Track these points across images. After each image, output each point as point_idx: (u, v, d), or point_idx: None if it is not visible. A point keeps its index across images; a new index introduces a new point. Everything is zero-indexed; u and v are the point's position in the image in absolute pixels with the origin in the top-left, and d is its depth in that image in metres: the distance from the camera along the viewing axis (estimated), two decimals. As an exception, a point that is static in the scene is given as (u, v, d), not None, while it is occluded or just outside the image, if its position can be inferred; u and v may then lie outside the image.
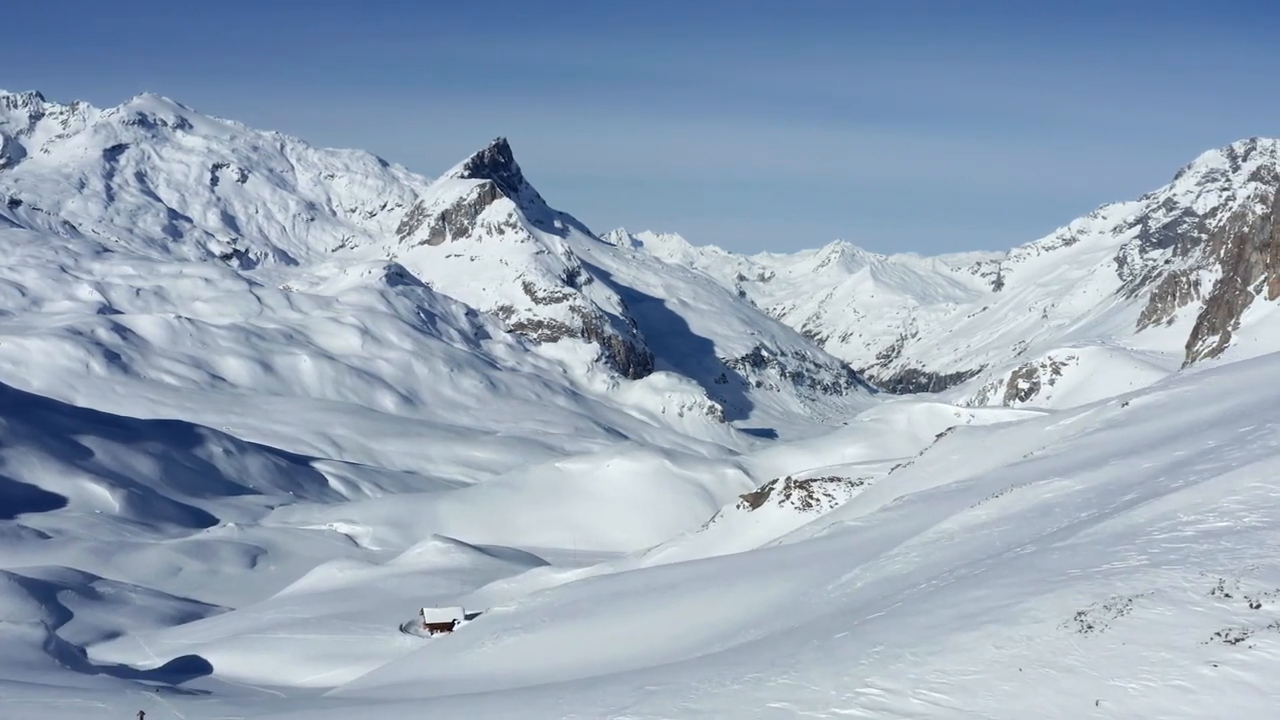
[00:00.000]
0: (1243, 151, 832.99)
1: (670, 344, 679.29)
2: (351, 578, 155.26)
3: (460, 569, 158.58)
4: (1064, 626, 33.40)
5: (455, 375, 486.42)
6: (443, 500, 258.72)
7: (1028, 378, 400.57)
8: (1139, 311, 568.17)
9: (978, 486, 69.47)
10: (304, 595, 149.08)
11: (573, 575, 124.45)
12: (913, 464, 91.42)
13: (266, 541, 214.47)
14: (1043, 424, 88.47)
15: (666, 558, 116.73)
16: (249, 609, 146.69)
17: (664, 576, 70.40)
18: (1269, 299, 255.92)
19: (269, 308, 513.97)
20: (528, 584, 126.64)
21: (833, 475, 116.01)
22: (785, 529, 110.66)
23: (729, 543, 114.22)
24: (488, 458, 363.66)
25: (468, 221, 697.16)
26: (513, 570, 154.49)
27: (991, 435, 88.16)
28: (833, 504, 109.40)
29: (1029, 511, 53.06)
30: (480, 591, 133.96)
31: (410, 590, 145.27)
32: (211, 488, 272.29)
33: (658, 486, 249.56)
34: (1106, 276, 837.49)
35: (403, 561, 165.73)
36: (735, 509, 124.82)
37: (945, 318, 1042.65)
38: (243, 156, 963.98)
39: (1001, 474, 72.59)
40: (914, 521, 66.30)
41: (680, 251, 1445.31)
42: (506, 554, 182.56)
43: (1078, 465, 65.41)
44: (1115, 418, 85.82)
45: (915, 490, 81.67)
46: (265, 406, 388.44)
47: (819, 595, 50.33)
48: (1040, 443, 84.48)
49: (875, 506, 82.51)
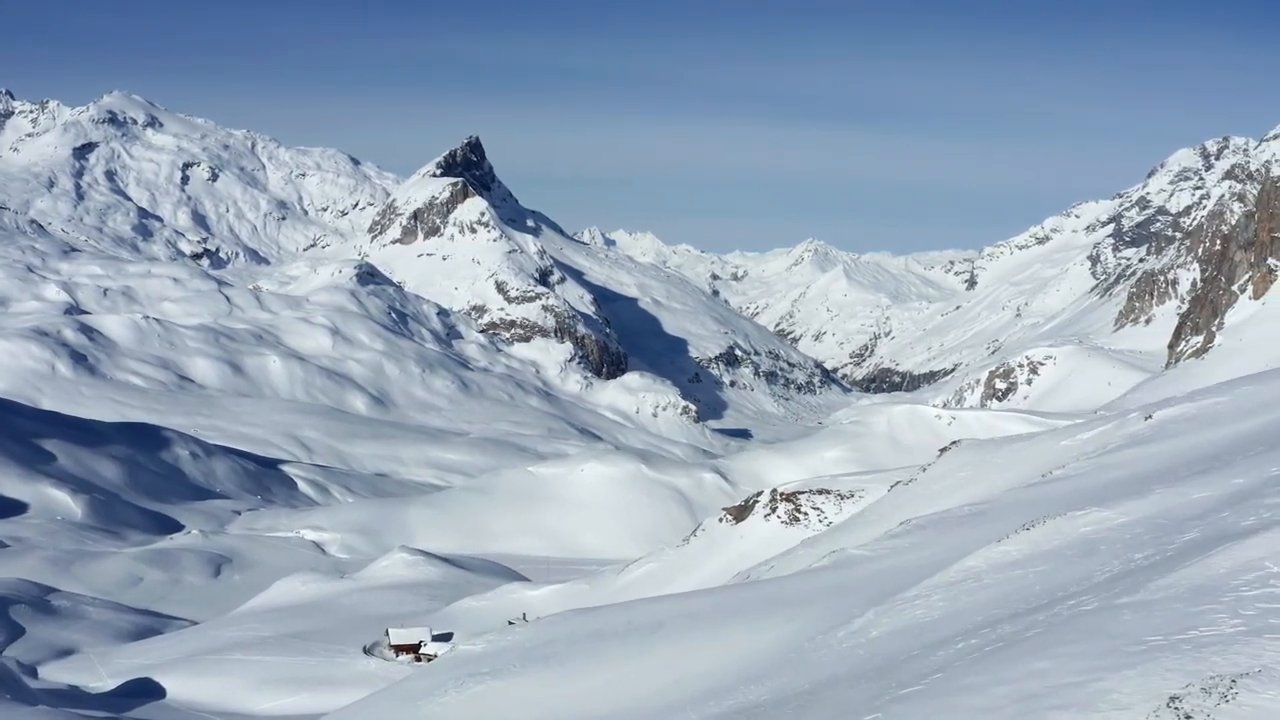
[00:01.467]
0: (1215, 150, 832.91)
1: (644, 343, 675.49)
2: (315, 592, 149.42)
3: (428, 583, 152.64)
4: (1155, 716, 27.11)
5: (427, 376, 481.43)
6: (413, 506, 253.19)
7: (1005, 377, 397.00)
8: (1114, 310, 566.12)
9: (993, 511, 63.59)
10: (265, 611, 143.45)
11: (546, 591, 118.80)
12: (915, 481, 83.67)
13: (231, 550, 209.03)
14: (1057, 438, 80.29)
15: (646, 574, 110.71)
16: (208, 625, 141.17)
17: (648, 613, 63.90)
18: (1254, 298, 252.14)
19: (238, 308, 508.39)
20: (499, 601, 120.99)
21: (821, 487, 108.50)
22: (772, 545, 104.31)
23: (712, 559, 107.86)
24: (460, 460, 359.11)
25: (440, 220, 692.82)
26: (483, 584, 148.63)
27: (1001, 450, 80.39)
28: (822, 518, 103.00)
29: (1068, 549, 46.11)
30: (449, 610, 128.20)
31: (376, 606, 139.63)
32: (177, 492, 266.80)
33: (633, 492, 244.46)
34: (1080, 275, 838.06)
35: (368, 575, 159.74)
36: (718, 522, 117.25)
37: (918, 316, 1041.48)
38: (213, 155, 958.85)
39: (1019, 496, 66.05)
40: (927, 552, 60.14)
41: (653, 250, 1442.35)
42: (477, 566, 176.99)
43: (1112, 491, 58.31)
44: (1139, 432, 78.60)
45: (922, 513, 74.36)
46: (234, 408, 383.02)
47: (829, 644, 44.39)
48: (1057, 460, 77.04)
49: (879, 530, 75.66)
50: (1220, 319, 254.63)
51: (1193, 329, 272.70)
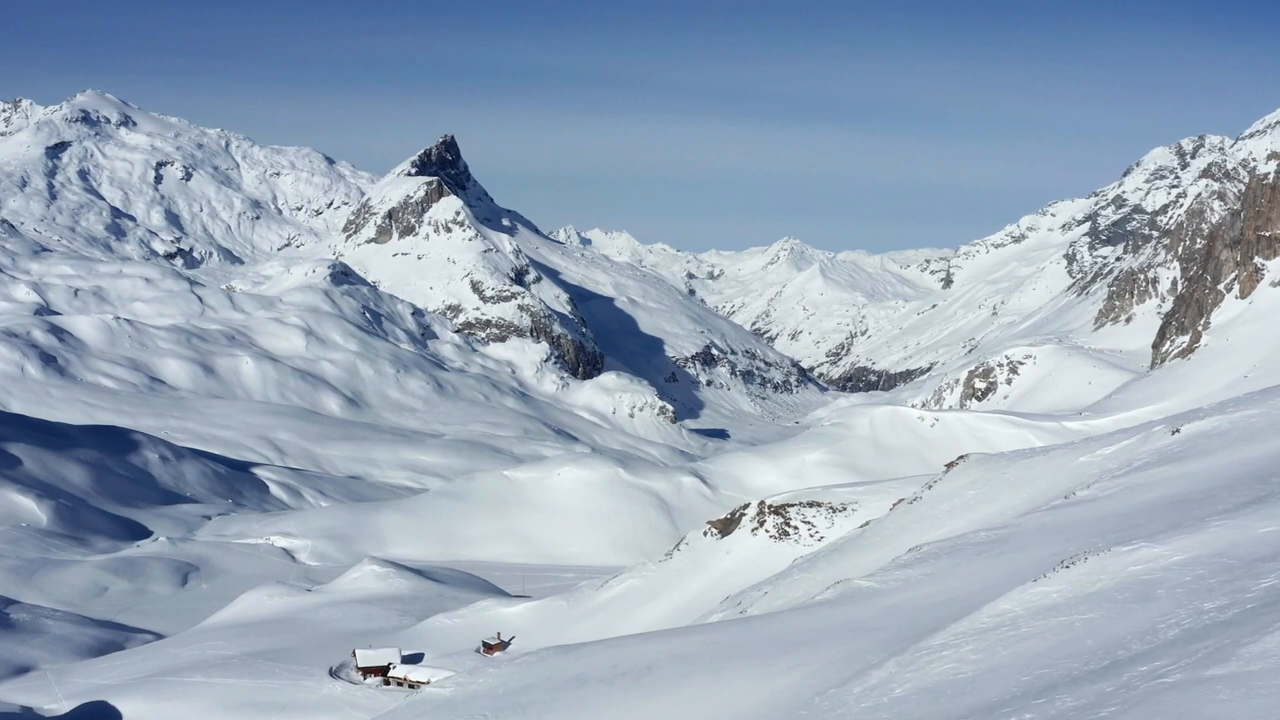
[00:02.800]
0: (1191, 149, 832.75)
1: (620, 343, 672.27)
2: (281, 606, 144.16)
3: (399, 597, 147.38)
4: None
5: (401, 376, 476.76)
6: (385, 511, 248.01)
7: (984, 377, 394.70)
8: (1090, 308, 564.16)
9: (1015, 538, 55.23)
10: (230, 626, 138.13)
11: (522, 608, 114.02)
12: (920, 500, 76.03)
13: (199, 557, 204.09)
14: (1074, 453, 72.72)
15: (627, 590, 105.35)
16: (170, 642, 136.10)
17: (635, 654, 57.95)
18: (1240, 297, 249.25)
19: (210, 308, 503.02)
20: (472, 619, 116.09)
21: (811, 499, 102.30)
22: (760, 561, 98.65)
23: (696, 576, 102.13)
24: (434, 462, 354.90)
25: (414, 219, 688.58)
26: (456, 598, 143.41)
27: (1013, 466, 73.20)
28: (813, 532, 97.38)
29: (1119, 593, 39.15)
30: (420, 627, 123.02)
31: (344, 622, 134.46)
32: (146, 497, 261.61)
33: (611, 497, 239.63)
34: (1056, 274, 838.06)
35: (337, 588, 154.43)
36: (702, 536, 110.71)
37: (895, 315, 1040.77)
38: (187, 154, 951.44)
39: (1042, 521, 57.41)
40: (943, 586, 52.81)
41: (629, 249, 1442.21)
42: (450, 577, 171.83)
43: (1150, 517, 51.23)
44: (1167, 448, 70.85)
45: (932, 537, 66.85)
46: (205, 410, 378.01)
47: (844, 701, 38.59)
48: (1077, 478, 68.49)
49: (884, 556, 67.53)
50: (1206, 318, 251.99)
51: (1178, 329, 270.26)
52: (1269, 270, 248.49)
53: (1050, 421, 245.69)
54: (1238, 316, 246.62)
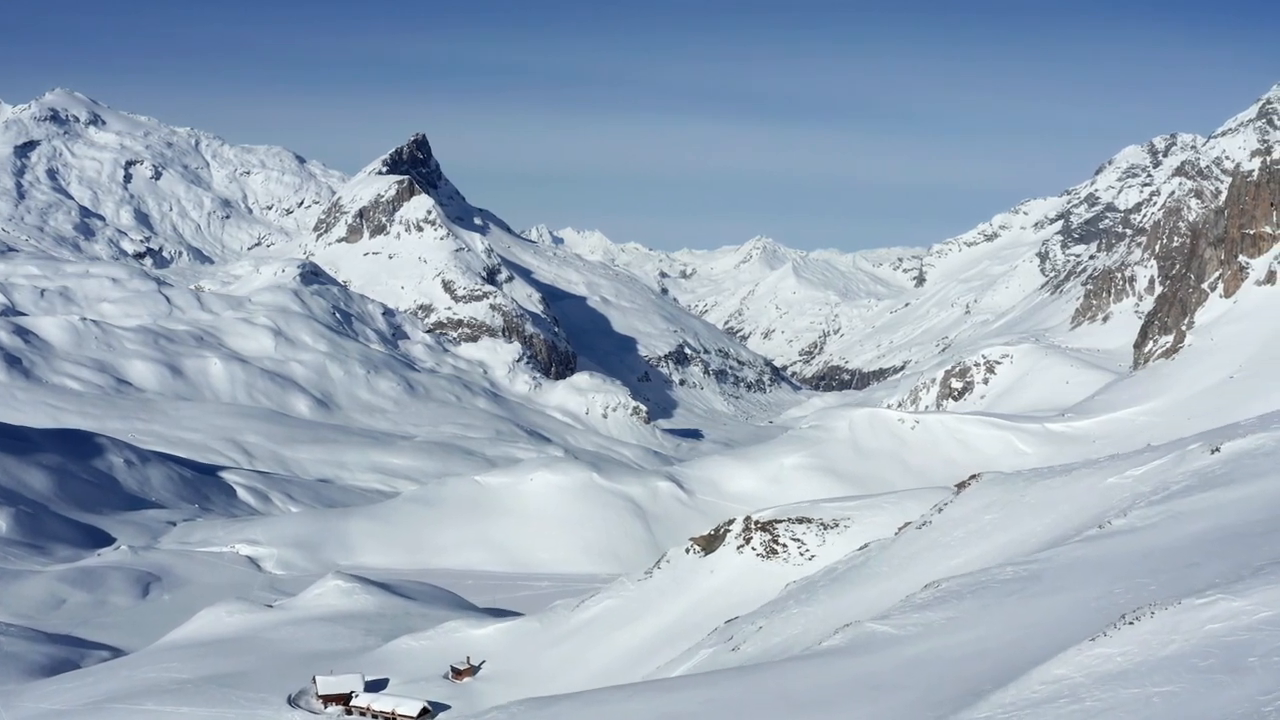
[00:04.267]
0: (1163, 147, 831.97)
1: (592, 342, 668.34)
2: (241, 624, 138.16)
3: (364, 614, 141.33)
4: None
5: (372, 377, 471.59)
6: (354, 518, 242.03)
7: (961, 377, 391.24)
8: (1064, 306, 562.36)
9: (1048, 575, 47.03)
10: (187, 646, 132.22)
11: (492, 630, 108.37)
12: (930, 524, 67.60)
13: (161, 567, 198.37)
14: (1100, 473, 64.41)
15: (605, 611, 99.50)
16: (124, 663, 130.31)
17: (620, 712, 52.54)
18: (1225, 296, 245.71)
19: (178, 308, 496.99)
20: (440, 641, 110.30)
21: (801, 515, 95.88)
22: (746, 582, 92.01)
23: (679, 597, 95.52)
24: (405, 464, 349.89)
25: (386, 219, 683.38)
26: (424, 616, 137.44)
27: (1033, 487, 65.47)
28: (803, 551, 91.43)
29: (1199, 658, 32.56)
30: (386, 649, 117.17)
31: (306, 642, 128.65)
32: (110, 502, 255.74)
33: (585, 502, 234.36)
34: (1029, 272, 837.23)
35: (300, 604, 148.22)
36: (684, 553, 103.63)
37: (868, 314, 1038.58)
38: (157, 153, 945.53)
39: (1076, 555, 48.86)
40: (973, 634, 44.89)
41: (601, 248, 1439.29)
42: (419, 592, 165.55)
43: (1214, 559, 42.58)
44: (1208, 470, 61.96)
45: (948, 569, 58.71)
46: (173, 412, 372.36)
47: None
48: (1107, 502, 59.98)
49: (895, 591, 58.80)
50: (1190, 318, 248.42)
51: (1161, 328, 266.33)
52: (1253, 268, 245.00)
53: (1032, 424, 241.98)
54: (1222, 315, 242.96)
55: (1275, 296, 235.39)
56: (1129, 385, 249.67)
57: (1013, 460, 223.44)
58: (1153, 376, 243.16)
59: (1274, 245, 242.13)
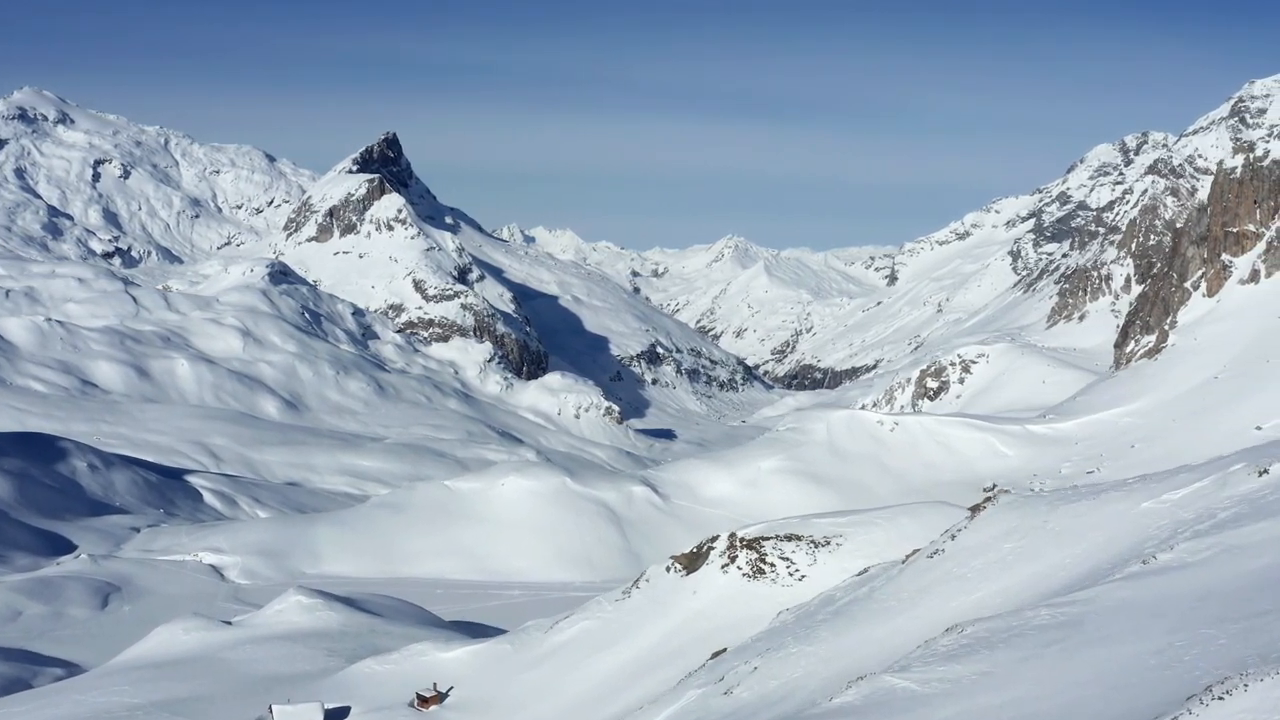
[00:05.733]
0: (1134, 145, 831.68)
1: (564, 342, 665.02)
2: (198, 643, 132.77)
3: (328, 632, 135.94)
4: None
5: (341, 378, 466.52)
6: (320, 524, 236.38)
7: (936, 376, 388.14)
8: (1037, 305, 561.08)
9: (1092, 619, 39.04)
10: (140, 667, 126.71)
11: (462, 653, 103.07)
12: (943, 553, 60.68)
13: (122, 576, 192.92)
14: (1132, 496, 56.12)
15: (581, 634, 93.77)
16: (73, 686, 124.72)
17: None
18: (1208, 295, 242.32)
19: (145, 309, 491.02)
20: (405, 665, 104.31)
21: (790, 531, 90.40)
22: (733, 604, 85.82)
23: (659, 619, 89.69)
24: (375, 467, 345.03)
25: (356, 218, 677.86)
26: (391, 634, 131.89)
27: (1056, 512, 57.62)
28: (793, 571, 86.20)
29: None
30: (348, 672, 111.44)
31: (265, 663, 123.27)
32: (72, 508, 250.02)
33: (558, 508, 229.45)
34: (1001, 270, 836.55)
35: (260, 621, 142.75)
36: (665, 572, 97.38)
37: (839, 312, 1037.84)
38: (125, 152, 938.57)
39: (1121, 596, 40.86)
40: (1013, 694, 36.75)
41: (573, 247, 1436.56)
42: (385, 606, 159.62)
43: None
44: (1258, 495, 53.06)
45: (966, 605, 51.39)
46: (139, 414, 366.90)
47: None
48: (1143, 530, 51.76)
49: (908, 630, 51.38)
50: (1173, 317, 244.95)
51: (1142, 328, 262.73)
52: (1237, 267, 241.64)
53: (1013, 425, 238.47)
54: (1206, 315, 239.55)
55: (1259, 295, 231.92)
56: (1111, 386, 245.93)
57: (993, 463, 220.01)
58: (1135, 377, 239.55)
59: (1258, 243, 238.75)
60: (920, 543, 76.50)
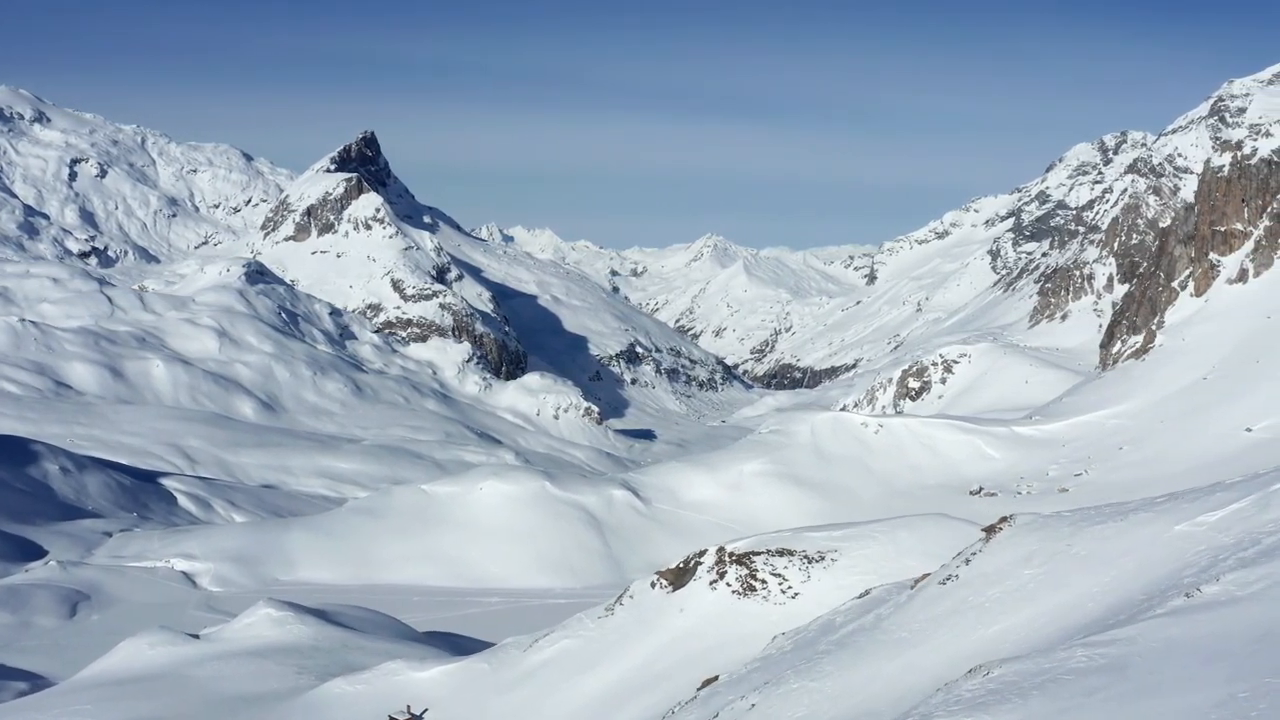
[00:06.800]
0: (1113, 144, 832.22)
1: (543, 341, 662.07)
2: (163, 659, 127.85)
3: (298, 647, 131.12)
4: None
5: (319, 379, 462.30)
6: (294, 530, 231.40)
7: (918, 376, 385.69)
8: (1017, 304, 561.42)
9: (1139, 665, 33.02)
10: (102, 685, 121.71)
11: (437, 673, 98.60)
12: (956, 579, 55.03)
13: (91, 584, 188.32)
14: (1163, 518, 48.31)
15: (561, 653, 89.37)
16: (33, 704, 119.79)
17: None
18: (1195, 295, 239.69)
19: (120, 309, 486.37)
20: (377, 685, 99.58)
21: (781, 546, 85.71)
22: (723, 624, 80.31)
23: (644, 639, 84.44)
24: (353, 469, 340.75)
25: (334, 217, 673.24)
26: (363, 648, 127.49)
27: (1081, 535, 51.29)
28: (785, 588, 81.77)
29: None
30: (318, 692, 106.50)
31: (233, 682, 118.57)
32: (44, 512, 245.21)
33: (537, 513, 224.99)
34: (980, 270, 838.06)
35: (228, 636, 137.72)
36: (649, 587, 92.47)
37: (819, 311, 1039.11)
38: (102, 151, 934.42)
39: (1170, 634, 35.03)
40: None
41: (552, 247, 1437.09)
42: (358, 619, 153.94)
43: None
44: None
45: (988, 642, 45.32)
46: (113, 416, 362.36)
47: None
48: (1180, 556, 45.34)
49: (923, 667, 46.15)
50: (1160, 317, 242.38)
51: (1129, 328, 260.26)
52: (1225, 266, 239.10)
53: (999, 426, 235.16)
54: (1194, 315, 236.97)
55: (1248, 295, 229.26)
56: (1098, 387, 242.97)
57: (979, 465, 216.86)
58: (1123, 378, 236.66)
59: (1246, 242, 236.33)
60: (920, 558, 72.82)
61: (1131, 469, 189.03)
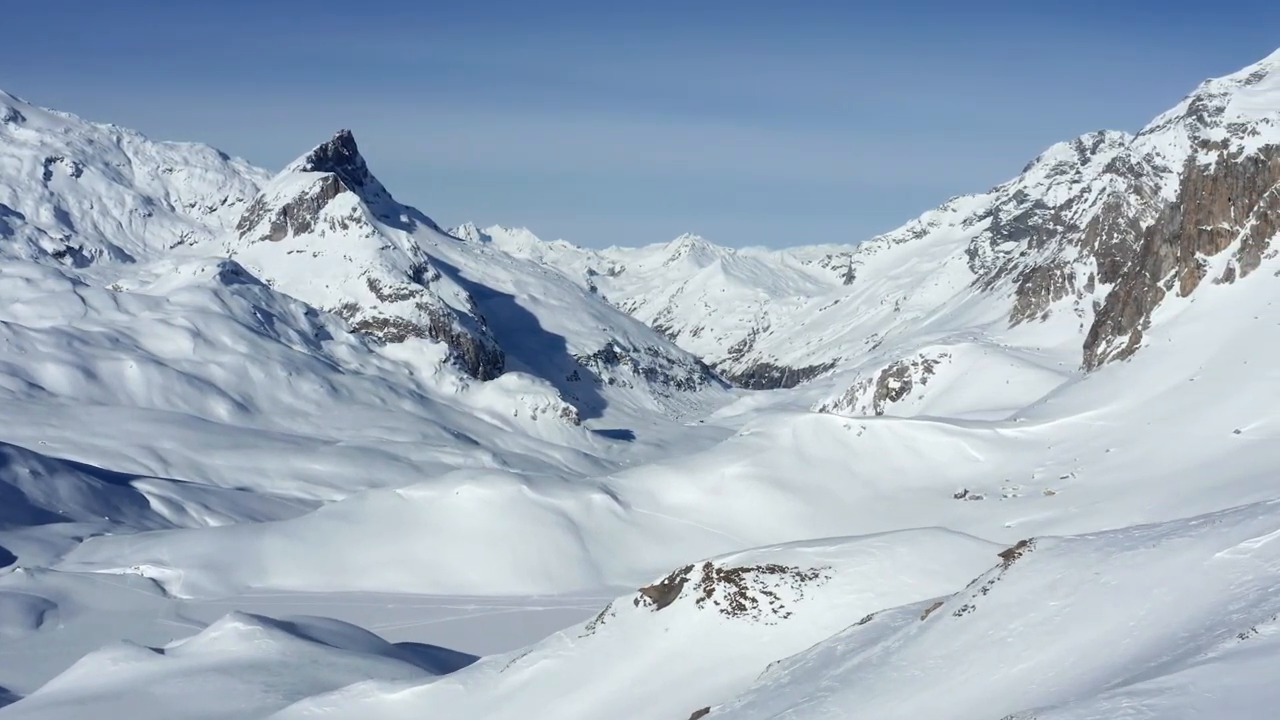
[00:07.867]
0: (1091, 144, 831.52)
1: (521, 341, 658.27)
2: (125, 675, 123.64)
3: (265, 663, 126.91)
4: None
5: (294, 380, 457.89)
6: (267, 535, 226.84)
7: (899, 376, 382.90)
8: (996, 304, 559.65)
9: (1193, 717, 27.72)
10: (61, 703, 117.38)
11: (408, 695, 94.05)
12: (973, 610, 50.71)
13: (58, 592, 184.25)
14: (1200, 543, 42.26)
15: (540, 673, 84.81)
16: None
17: None
18: (1181, 295, 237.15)
19: (94, 309, 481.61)
20: (346, 708, 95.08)
21: (772, 562, 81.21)
22: (711, 645, 75.50)
23: (627, 660, 79.38)
24: (328, 471, 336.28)
25: (310, 216, 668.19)
26: (333, 664, 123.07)
27: (1109, 563, 46.80)
28: (776, 606, 77.63)
29: None
30: (285, 713, 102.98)
31: (196, 699, 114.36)
32: (14, 516, 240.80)
33: (515, 518, 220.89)
34: (958, 269, 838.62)
35: (194, 650, 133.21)
36: (633, 605, 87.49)
37: (797, 311, 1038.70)
38: (77, 150, 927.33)
39: (1228, 685, 29.65)
40: None
41: (529, 246, 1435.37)
42: (329, 632, 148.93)
43: None
44: None
45: (1015, 683, 40.52)
46: (86, 418, 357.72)
47: None
48: (1222, 587, 32.87)
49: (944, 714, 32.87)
50: (1146, 317, 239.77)
51: (1114, 328, 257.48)
52: (1211, 266, 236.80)
53: (983, 428, 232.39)
54: (1180, 315, 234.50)
55: (1234, 295, 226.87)
56: (1084, 388, 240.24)
57: (964, 468, 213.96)
58: (1109, 379, 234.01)
59: (1232, 242, 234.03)
60: (919, 575, 69.20)
61: (1119, 471, 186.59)
